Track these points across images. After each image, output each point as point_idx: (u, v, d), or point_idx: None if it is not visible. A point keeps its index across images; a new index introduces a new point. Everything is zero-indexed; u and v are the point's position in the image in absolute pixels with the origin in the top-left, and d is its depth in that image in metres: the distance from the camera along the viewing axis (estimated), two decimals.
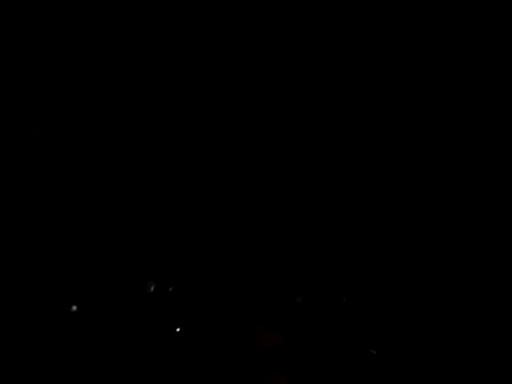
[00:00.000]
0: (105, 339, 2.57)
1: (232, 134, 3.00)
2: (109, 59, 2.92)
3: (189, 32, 2.93)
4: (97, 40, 2.90)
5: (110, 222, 2.87)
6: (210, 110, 3.00)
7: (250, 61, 2.97)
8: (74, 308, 2.64)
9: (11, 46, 2.81)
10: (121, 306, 2.68)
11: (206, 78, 2.99)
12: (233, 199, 2.97)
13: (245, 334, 2.66)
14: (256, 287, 2.81)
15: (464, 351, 2.59)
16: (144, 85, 2.97)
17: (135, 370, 2.52)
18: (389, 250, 2.90)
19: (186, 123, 3.00)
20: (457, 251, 2.82)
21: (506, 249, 2.78)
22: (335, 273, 2.87)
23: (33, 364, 2.46)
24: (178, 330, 2.65)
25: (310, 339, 2.65)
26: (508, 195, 2.83)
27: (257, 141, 3.01)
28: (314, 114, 3.01)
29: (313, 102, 3.00)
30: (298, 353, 2.61)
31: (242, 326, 2.68)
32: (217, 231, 2.93)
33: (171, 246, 2.89)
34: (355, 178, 2.97)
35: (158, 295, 2.74)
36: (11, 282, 2.63)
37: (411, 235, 2.90)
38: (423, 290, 2.78)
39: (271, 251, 2.92)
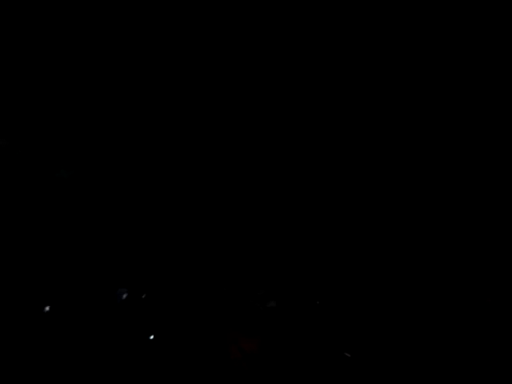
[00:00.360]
0: (77, 347, 2.53)
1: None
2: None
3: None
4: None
5: (81, 228, 2.83)
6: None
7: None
8: (47, 308, 2.60)
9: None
10: (93, 313, 2.64)
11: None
12: (205, 205, 2.90)
13: (218, 340, 2.61)
14: (229, 292, 2.76)
15: (441, 353, 2.54)
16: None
17: (108, 378, 2.47)
18: (361, 252, 2.83)
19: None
20: (435, 253, 2.75)
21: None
22: (308, 276, 2.81)
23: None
24: (151, 337, 2.60)
25: (284, 344, 2.61)
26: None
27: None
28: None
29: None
30: (272, 359, 2.56)
31: (214, 333, 2.63)
32: (189, 237, 2.89)
33: (144, 252, 2.85)
34: (334, 185, 2.89)
35: (131, 302, 2.70)
36: None
37: (385, 238, 2.83)
38: (398, 292, 2.72)
39: (244, 256, 2.86)
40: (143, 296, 2.70)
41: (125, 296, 2.69)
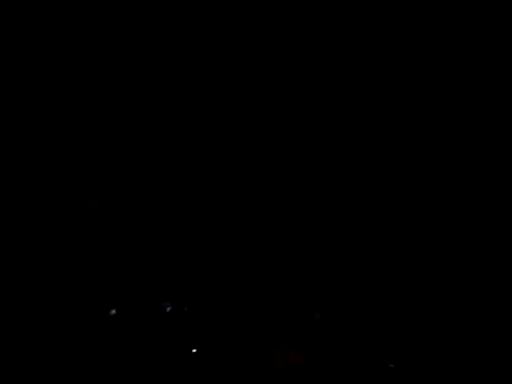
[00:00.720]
0: (120, 360, 2.58)
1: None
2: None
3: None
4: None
5: (125, 245, 2.87)
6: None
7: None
8: (113, 312, 2.68)
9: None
10: (137, 327, 2.68)
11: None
12: (246, 214, 2.94)
13: (263, 353, 2.63)
14: (274, 305, 2.78)
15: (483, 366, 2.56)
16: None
17: None
18: (405, 263, 2.86)
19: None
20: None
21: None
22: (350, 287, 2.84)
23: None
24: (194, 350, 2.62)
25: (329, 357, 2.62)
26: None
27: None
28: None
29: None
30: (317, 372, 2.58)
31: (260, 345, 2.65)
32: (232, 250, 2.91)
33: (186, 266, 2.88)
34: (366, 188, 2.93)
35: (174, 316, 2.73)
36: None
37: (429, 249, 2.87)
38: (442, 303, 2.75)
39: (288, 268, 2.89)
40: (186, 309, 2.74)
41: (169, 309, 2.73)
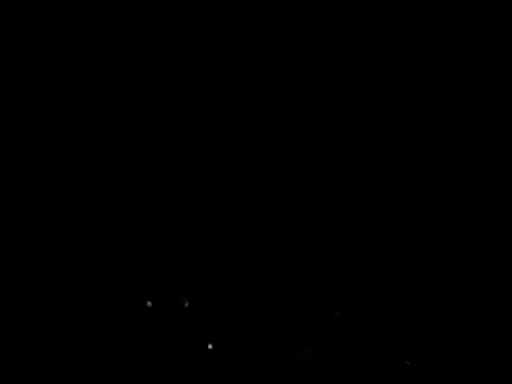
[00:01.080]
0: (138, 355, 2.60)
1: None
2: None
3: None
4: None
5: (143, 241, 2.88)
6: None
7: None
8: (149, 304, 2.69)
9: None
10: (155, 322, 2.69)
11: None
12: (268, 210, 2.94)
13: (283, 349, 2.66)
14: (293, 302, 2.80)
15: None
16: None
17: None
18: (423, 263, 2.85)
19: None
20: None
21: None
22: (368, 286, 2.85)
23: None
24: (210, 346, 2.64)
25: (346, 353, 2.66)
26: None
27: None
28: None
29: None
30: (334, 367, 2.62)
31: (279, 342, 2.68)
32: (253, 246, 2.91)
33: (205, 262, 2.88)
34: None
35: (192, 311, 2.74)
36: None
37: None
38: (458, 302, 2.75)
39: (308, 267, 2.89)
40: (205, 304, 2.75)
41: (187, 305, 2.73)
